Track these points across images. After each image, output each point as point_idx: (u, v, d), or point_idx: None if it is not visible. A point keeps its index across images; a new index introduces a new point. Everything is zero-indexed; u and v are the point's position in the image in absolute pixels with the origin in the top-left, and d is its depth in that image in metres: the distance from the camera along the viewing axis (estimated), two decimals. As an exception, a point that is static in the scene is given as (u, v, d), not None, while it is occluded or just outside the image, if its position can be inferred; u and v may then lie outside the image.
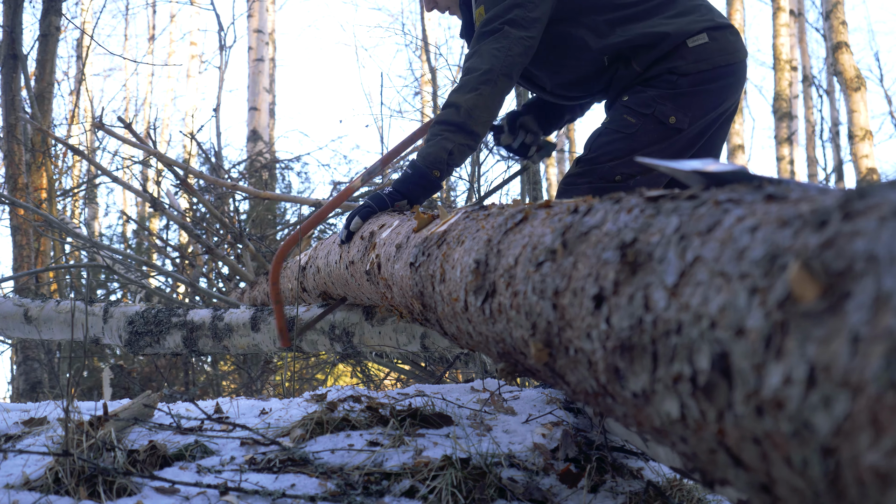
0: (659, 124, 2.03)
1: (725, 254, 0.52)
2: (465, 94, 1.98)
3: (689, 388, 0.52)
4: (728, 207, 0.57)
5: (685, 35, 2.03)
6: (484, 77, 1.97)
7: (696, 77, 2.03)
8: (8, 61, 5.05)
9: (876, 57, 25.49)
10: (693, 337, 0.52)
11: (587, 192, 2.03)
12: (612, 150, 2.05)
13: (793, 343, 0.43)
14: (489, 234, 1.08)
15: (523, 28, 2.00)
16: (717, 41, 2.05)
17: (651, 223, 0.65)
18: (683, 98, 2.03)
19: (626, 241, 0.66)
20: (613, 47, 2.07)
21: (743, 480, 0.52)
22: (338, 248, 2.11)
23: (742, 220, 0.53)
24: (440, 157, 1.96)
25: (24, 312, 2.98)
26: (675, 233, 0.60)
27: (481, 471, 1.38)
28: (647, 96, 2.04)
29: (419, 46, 12.26)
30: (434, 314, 1.35)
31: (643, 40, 2.04)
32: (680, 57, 2.03)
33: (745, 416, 0.46)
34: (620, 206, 0.74)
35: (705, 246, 0.55)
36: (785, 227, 0.48)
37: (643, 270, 0.62)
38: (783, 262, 0.46)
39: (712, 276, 0.52)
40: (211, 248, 4.08)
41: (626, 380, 0.62)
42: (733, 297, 0.49)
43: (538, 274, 0.83)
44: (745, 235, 0.51)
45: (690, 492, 1.48)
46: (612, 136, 2.07)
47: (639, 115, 2.04)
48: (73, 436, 1.36)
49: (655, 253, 0.61)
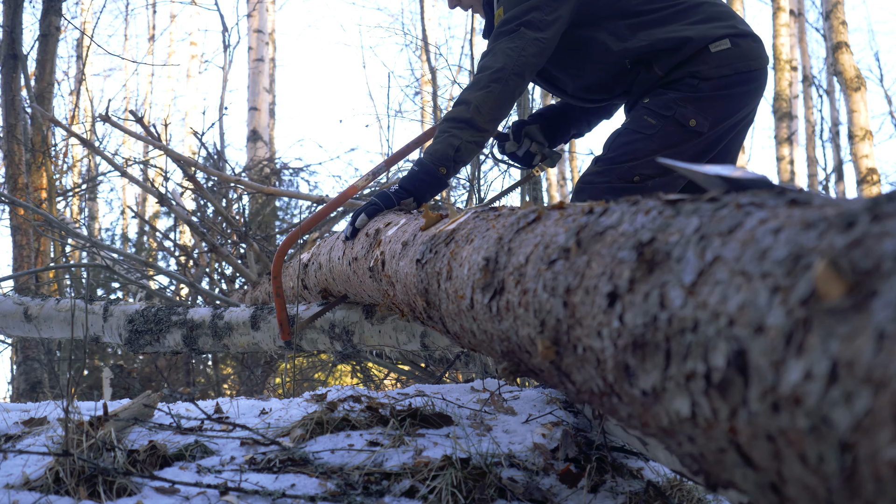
0: (679, 126, 2.03)
1: (747, 254, 0.53)
2: (475, 91, 1.99)
3: (703, 386, 0.52)
4: (750, 210, 0.57)
5: (708, 40, 2.04)
6: (496, 75, 1.98)
7: (718, 82, 2.03)
8: (8, 61, 5.04)
9: (876, 57, 25.49)
10: (709, 334, 0.53)
11: (605, 191, 2.03)
12: (632, 150, 2.05)
13: (815, 339, 0.43)
14: (500, 232, 1.08)
15: (539, 30, 2.01)
16: (739, 47, 2.05)
17: (670, 223, 0.66)
18: (704, 102, 2.03)
19: (643, 240, 0.67)
20: (635, 51, 2.08)
21: (751, 480, 0.52)
22: (341, 245, 2.11)
23: (765, 222, 0.54)
24: (447, 153, 1.97)
25: (24, 311, 2.98)
26: (695, 233, 0.61)
27: (481, 471, 1.38)
28: (668, 98, 2.05)
29: (419, 46, 12.27)
30: (437, 312, 1.35)
31: (665, 44, 2.05)
32: (703, 62, 2.03)
33: (759, 412, 0.47)
34: (638, 208, 0.74)
35: (726, 246, 0.56)
36: (810, 229, 0.49)
37: (660, 269, 0.62)
38: (807, 262, 0.46)
39: (732, 276, 0.53)
40: (216, 246, 4.08)
41: (635, 377, 0.62)
42: (754, 295, 0.50)
43: (550, 272, 0.83)
44: (768, 237, 0.52)
45: (690, 492, 1.48)
46: (631, 136, 2.07)
47: (659, 116, 2.05)
48: (73, 436, 1.36)
49: (674, 252, 0.62)
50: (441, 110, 9.20)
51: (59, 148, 7.09)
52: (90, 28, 9.97)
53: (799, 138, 10.83)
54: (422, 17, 10.40)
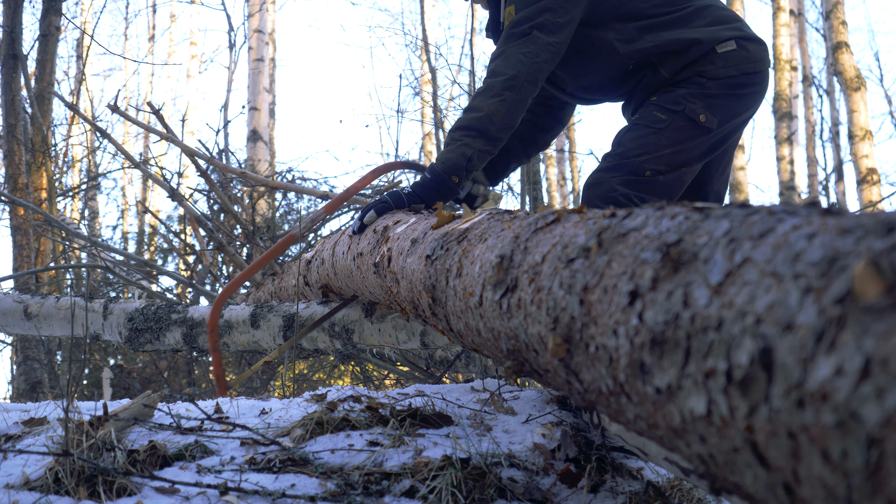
0: (689, 121, 2.04)
1: (779, 256, 0.54)
2: (488, 98, 1.98)
3: (722, 383, 0.53)
4: (783, 217, 0.59)
5: (715, 41, 2.05)
6: (509, 83, 1.97)
7: (725, 82, 2.04)
8: (8, 61, 5.04)
9: (876, 57, 25.49)
10: (734, 333, 0.54)
11: (618, 185, 2.02)
12: (642, 144, 2.05)
13: (849, 336, 0.44)
14: (517, 231, 1.10)
15: (552, 33, 2.00)
16: (745, 49, 2.06)
17: (699, 226, 0.67)
18: (712, 99, 2.04)
19: (669, 241, 0.68)
20: (641, 52, 2.08)
21: (762, 481, 0.53)
22: (347, 240, 2.12)
23: (798, 228, 0.55)
24: (459, 163, 1.98)
25: (24, 309, 2.99)
26: (725, 236, 0.62)
27: (481, 471, 1.38)
28: (678, 94, 2.05)
29: (419, 46, 12.26)
30: (443, 309, 1.36)
31: (673, 46, 2.05)
32: (710, 62, 2.04)
33: (782, 409, 0.48)
34: (663, 213, 0.75)
35: (756, 249, 0.57)
36: (846, 234, 0.50)
37: (686, 269, 0.64)
38: (843, 265, 0.48)
39: (762, 277, 0.54)
40: (223, 244, 4.08)
41: (650, 375, 0.62)
42: (784, 295, 0.51)
43: (567, 270, 0.85)
44: (802, 241, 0.53)
45: (690, 492, 1.48)
46: (641, 131, 2.07)
47: (669, 111, 2.05)
48: (73, 436, 1.36)
49: (701, 253, 0.63)
50: (441, 110, 9.20)
51: (59, 148, 7.09)
52: (90, 28, 9.97)
53: (799, 138, 10.83)
54: (422, 17, 10.41)
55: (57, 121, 8.83)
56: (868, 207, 7.31)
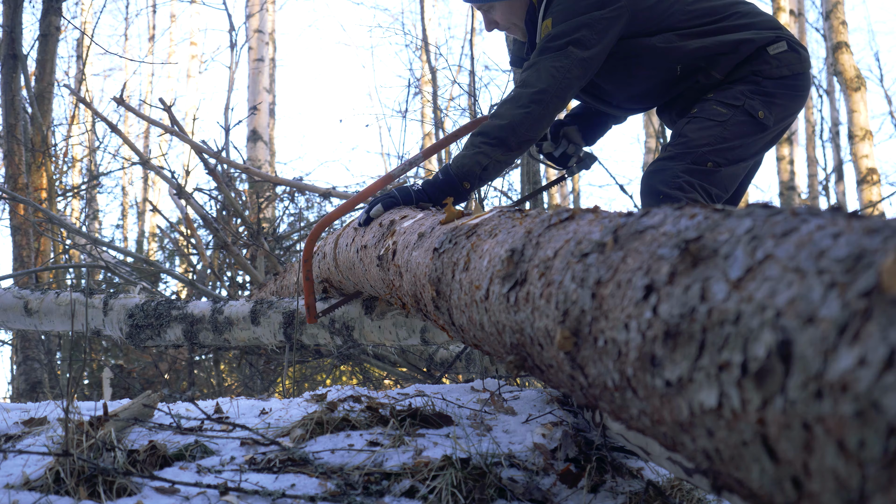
0: (749, 117, 2.04)
1: (802, 254, 0.54)
2: (514, 108, 1.98)
3: (737, 376, 0.54)
4: (807, 218, 0.59)
5: (765, 42, 2.06)
6: (537, 96, 1.97)
7: (780, 81, 2.06)
8: (8, 61, 5.04)
9: (876, 57, 25.46)
10: (752, 326, 0.54)
11: (681, 172, 2.02)
12: (706, 135, 2.05)
13: (874, 328, 0.45)
14: (529, 227, 1.11)
15: (586, 48, 2.00)
16: (795, 51, 2.08)
17: (721, 223, 0.68)
18: (768, 97, 2.05)
19: (688, 238, 0.69)
20: (689, 55, 2.08)
21: (770, 475, 0.53)
22: (352, 232, 2.12)
23: (822, 227, 0.56)
24: (473, 171, 1.98)
25: (24, 305, 2.99)
26: (747, 233, 0.63)
27: (481, 471, 1.37)
28: (736, 90, 2.06)
29: (419, 46, 12.26)
30: (446, 302, 1.37)
31: (722, 48, 2.06)
32: (763, 62, 2.05)
33: (798, 400, 0.48)
34: (682, 213, 0.76)
35: (779, 247, 0.57)
36: (873, 234, 0.51)
37: (705, 264, 0.64)
38: (869, 261, 0.48)
39: (784, 272, 0.55)
40: (227, 243, 4.07)
41: (661, 368, 0.63)
42: (807, 290, 0.52)
43: (581, 264, 0.85)
44: (827, 239, 0.54)
45: (690, 492, 1.48)
46: (703, 122, 2.06)
47: (729, 106, 2.05)
48: (73, 436, 1.36)
49: (721, 249, 0.64)
50: (441, 110, 9.20)
51: (59, 148, 7.09)
52: (90, 28, 9.97)
53: (799, 138, 10.83)
54: (422, 17, 10.41)
55: (57, 121, 8.82)
56: (868, 207, 7.31)
